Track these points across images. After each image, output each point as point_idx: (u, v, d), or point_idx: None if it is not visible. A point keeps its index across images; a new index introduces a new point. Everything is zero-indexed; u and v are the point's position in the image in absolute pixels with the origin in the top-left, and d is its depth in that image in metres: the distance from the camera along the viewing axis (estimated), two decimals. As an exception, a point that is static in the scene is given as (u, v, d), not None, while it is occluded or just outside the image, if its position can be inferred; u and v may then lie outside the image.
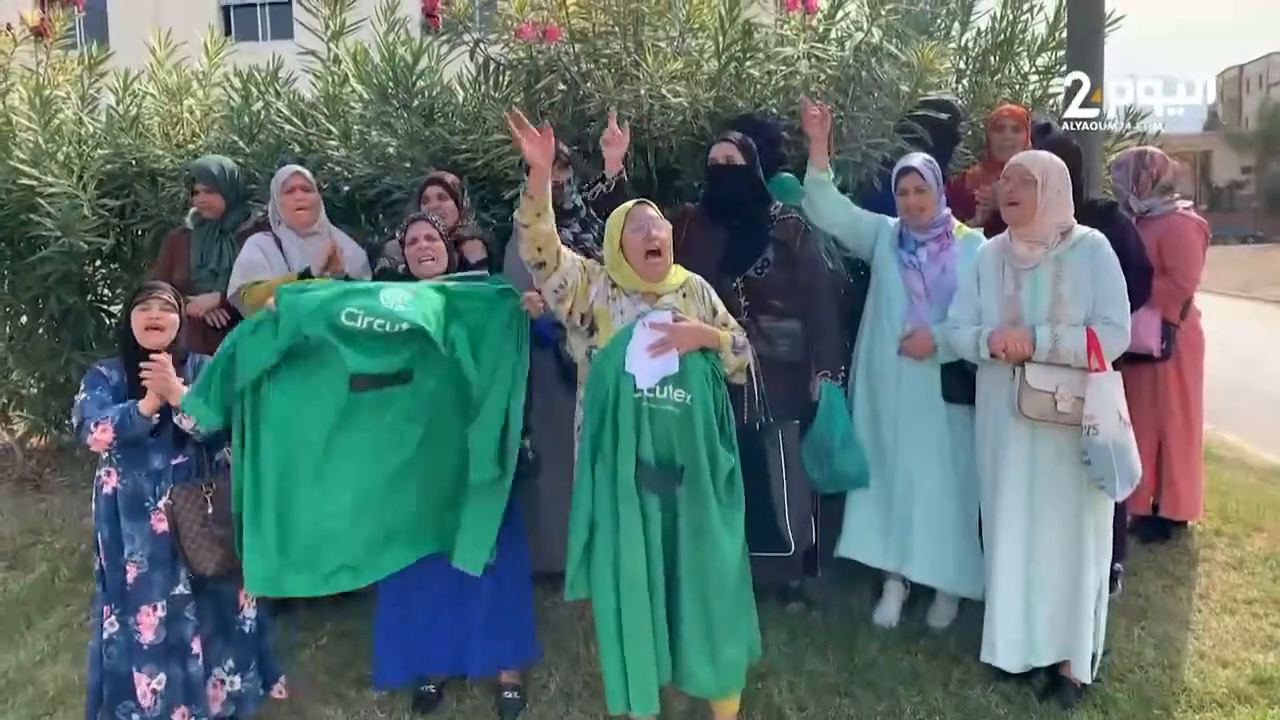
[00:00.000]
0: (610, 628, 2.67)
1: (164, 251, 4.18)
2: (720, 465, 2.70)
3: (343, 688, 3.37)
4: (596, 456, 2.70)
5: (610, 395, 2.66)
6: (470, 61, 4.63)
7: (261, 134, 4.62)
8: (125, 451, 2.89)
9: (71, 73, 5.23)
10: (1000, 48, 5.05)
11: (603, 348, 2.74)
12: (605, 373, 2.68)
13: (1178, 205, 4.02)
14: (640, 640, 2.64)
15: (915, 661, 3.37)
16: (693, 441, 2.66)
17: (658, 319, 2.70)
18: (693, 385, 2.67)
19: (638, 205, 2.83)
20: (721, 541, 2.68)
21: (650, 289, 2.80)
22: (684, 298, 2.85)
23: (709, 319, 2.87)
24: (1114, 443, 2.84)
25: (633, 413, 2.64)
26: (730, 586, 2.71)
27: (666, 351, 2.66)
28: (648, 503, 2.67)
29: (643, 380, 2.64)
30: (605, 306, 2.79)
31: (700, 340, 2.72)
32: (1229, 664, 3.32)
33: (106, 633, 2.89)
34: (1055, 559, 3.04)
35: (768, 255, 3.54)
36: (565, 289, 2.77)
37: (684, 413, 2.66)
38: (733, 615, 2.74)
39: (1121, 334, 2.95)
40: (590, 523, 2.70)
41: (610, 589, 2.66)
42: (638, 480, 2.64)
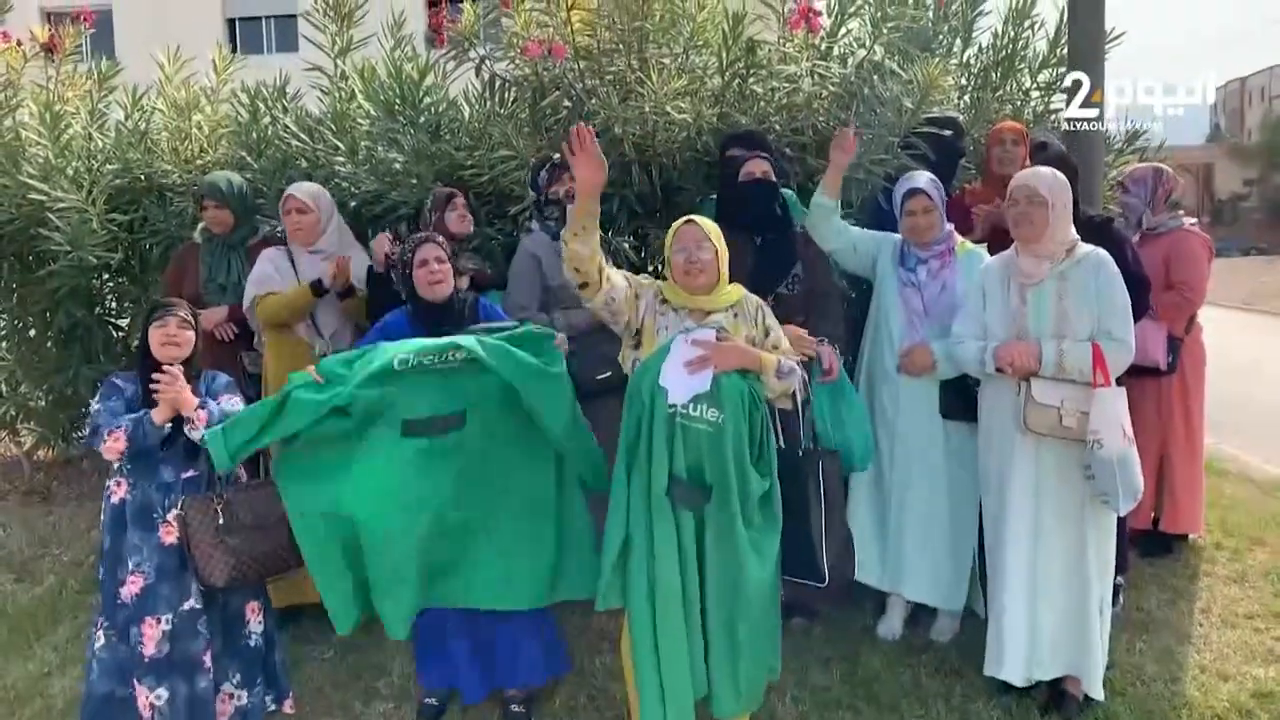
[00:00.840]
0: (646, 641, 2.68)
1: (172, 266, 4.22)
2: (751, 488, 2.68)
3: (349, 700, 3.39)
4: (632, 468, 2.72)
5: (646, 408, 2.68)
6: (476, 78, 4.69)
7: (269, 149, 4.65)
8: (136, 462, 2.93)
9: (81, 88, 5.28)
10: (1001, 64, 5.09)
11: (643, 361, 2.75)
12: (642, 386, 2.70)
13: (1184, 221, 4.05)
14: (677, 655, 2.65)
15: (918, 675, 3.38)
16: (722, 462, 2.64)
17: (700, 336, 2.70)
18: (726, 405, 2.65)
19: (686, 224, 2.82)
20: (748, 564, 2.66)
21: (699, 306, 2.79)
22: (734, 317, 2.81)
23: (760, 340, 2.83)
24: (1118, 457, 2.86)
25: (666, 427, 2.65)
26: (755, 610, 2.70)
27: (703, 369, 2.65)
28: (682, 517, 2.67)
29: (675, 396, 2.65)
30: (652, 320, 2.80)
31: (740, 361, 2.70)
32: (1230, 678, 3.34)
33: (95, 646, 2.93)
34: (1060, 573, 3.07)
35: (798, 271, 3.56)
36: (614, 306, 2.78)
37: (715, 432, 2.65)
38: (756, 638, 2.74)
39: (1125, 349, 2.98)
40: (625, 533, 2.71)
41: (645, 601, 2.67)
42: (670, 494, 2.65)
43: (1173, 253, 3.96)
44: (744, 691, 2.77)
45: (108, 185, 4.63)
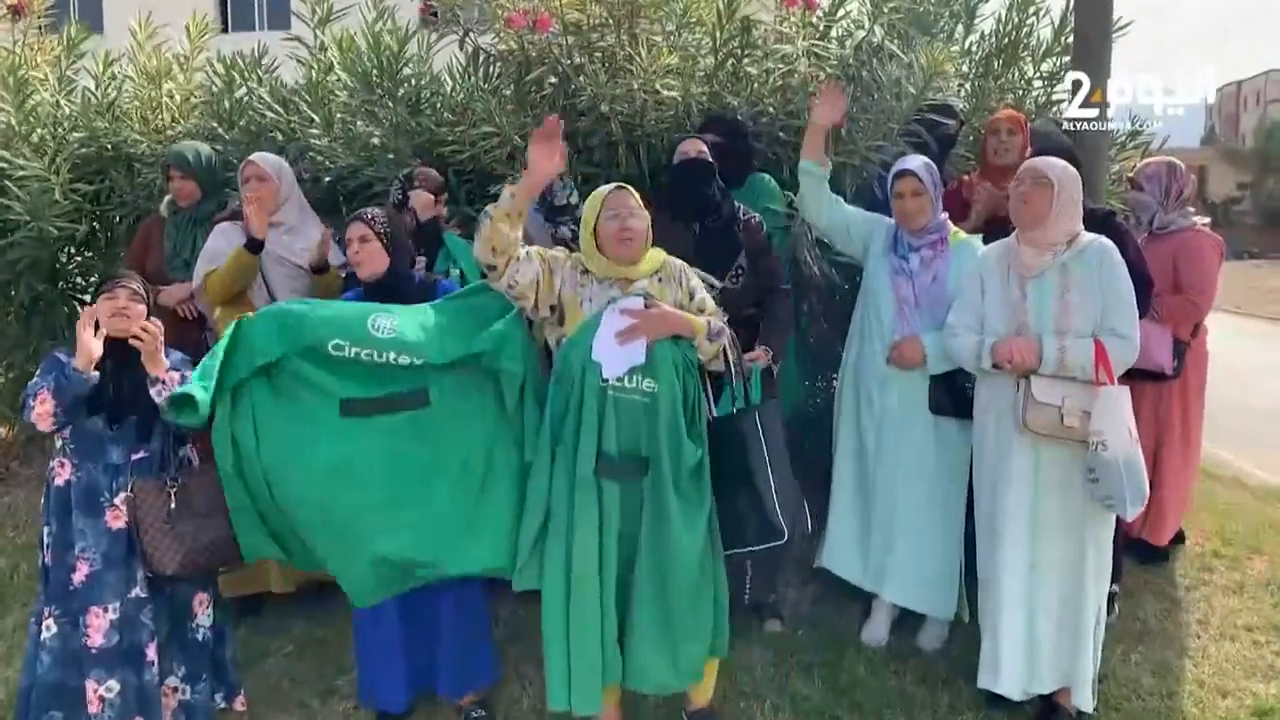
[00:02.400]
0: (558, 621, 2.61)
1: (137, 239, 4.03)
2: (685, 459, 2.63)
3: (306, 697, 3.23)
4: (557, 445, 2.64)
5: (576, 384, 2.60)
6: (460, 51, 4.50)
7: (242, 120, 4.46)
8: (81, 442, 2.78)
9: (51, 54, 5.08)
10: (1004, 51, 4.94)
11: (570, 336, 2.66)
12: (572, 361, 2.62)
13: (1195, 221, 3.88)
14: (587, 636, 2.59)
15: (904, 684, 3.23)
16: (657, 433, 2.59)
17: (629, 305, 2.62)
18: (661, 374, 2.60)
19: (616, 191, 2.73)
20: (680, 537, 2.60)
21: (623, 274, 2.71)
22: (659, 283, 2.75)
23: (686, 304, 2.77)
24: (1124, 459, 2.71)
25: (597, 403, 2.58)
26: (689, 583, 2.63)
27: (635, 339, 2.58)
28: (607, 495, 2.60)
29: (609, 370, 2.58)
30: (574, 293, 2.71)
31: (672, 328, 2.64)
32: (1229, 693, 3.20)
33: (43, 636, 2.77)
34: (1057, 581, 2.93)
35: (740, 263, 3.40)
36: (518, 289, 2.66)
37: (651, 403, 2.60)
38: (692, 613, 2.67)
39: (1130, 346, 2.83)
40: (545, 512, 2.65)
41: (561, 581, 2.61)
42: (597, 470, 2.58)
43: (1181, 254, 3.79)
44: (681, 664, 2.68)
45: (72, 154, 4.43)
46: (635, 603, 2.64)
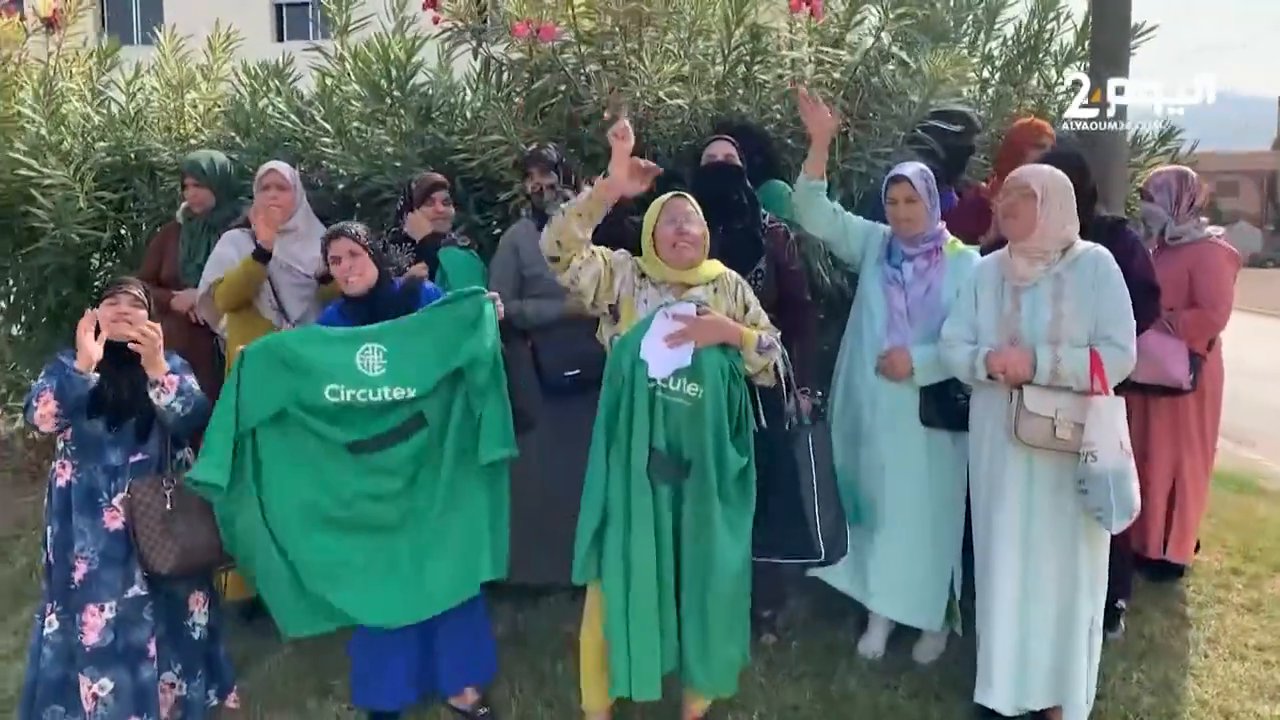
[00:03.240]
0: (619, 614, 2.66)
1: (153, 245, 4.13)
2: (728, 464, 2.67)
3: (302, 697, 3.28)
4: (611, 443, 2.70)
5: (626, 382, 2.67)
6: (474, 60, 4.55)
7: (261, 129, 4.55)
8: (82, 444, 2.85)
9: (84, 65, 5.23)
10: (1024, 57, 4.88)
11: (622, 336, 2.72)
12: (622, 360, 2.69)
13: (1210, 232, 3.78)
14: (646, 626, 2.65)
15: (895, 697, 3.20)
16: (701, 437, 2.65)
17: (681, 310, 2.69)
18: (706, 380, 2.65)
19: (675, 198, 2.81)
20: (722, 541, 2.65)
21: (679, 280, 2.78)
22: (714, 292, 2.82)
23: (739, 316, 2.81)
24: (1113, 471, 2.66)
25: (647, 401, 2.64)
26: (728, 587, 2.68)
27: (683, 343, 2.63)
28: (659, 492, 2.66)
29: (655, 370, 2.63)
30: (630, 295, 2.78)
31: (720, 335, 2.69)
32: (1232, 714, 3.11)
33: (45, 631, 2.84)
34: (1051, 595, 2.87)
35: (761, 266, 3.40)
36: (579, 285, 2.73)
37: (694, 407, 2.66)
38: (729, 617, 2.72)
39: (1125, 355, 2.78)
40: (603, 508, 2.69)
41: (620, 574, 2.66)
42: (649, 469, 2.63)
43: (1196, 266, 3.69)
44: (715, 670, 2.74)
45: (97, 163, 4.55)
46: (681, 602, 2.71)
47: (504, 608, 3.69)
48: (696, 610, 2.69)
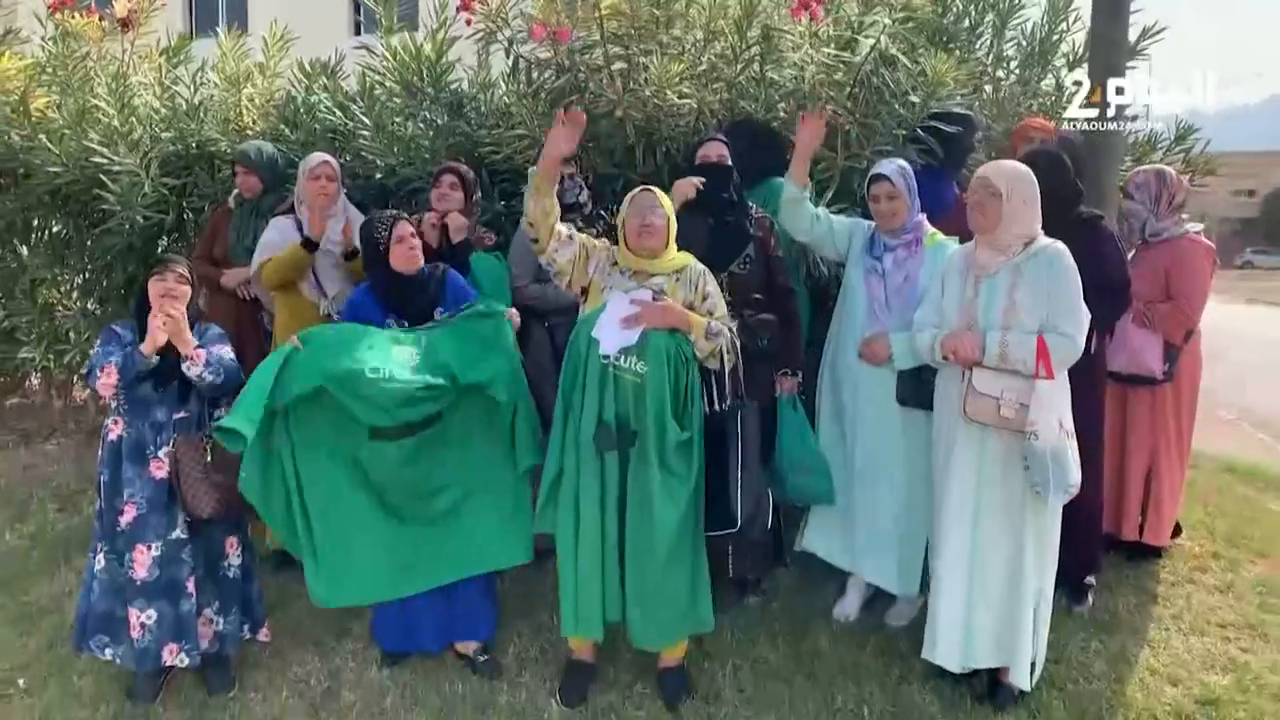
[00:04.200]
0: (568, 561, 3.02)
1: (207, 227, 4.54)
2: (669, 437, 2.95)
3: (323, 636, 3.64)
4: (567, 410, 3.02)
5: (582, 358, 2.97)
6: (507, 59, 4.86)
7: (310, 122, 4.93)
8: (132, 403, 3.20)
9: (155, 60, 5.67)
10: (1033, 59, 5.04)
11: (583, 315, 3.03)
12: (580, 337, 2.99)
13: (1188, 229, 3.94)
14: (590, 577, 3.00)
15: (861, 655, 3.45)
16: (644, 411, 2.93)
17: (638, 295, 2.98)
18: (651, 359, 2.93)
19: (643, 192, 3.10)
20: (659, 508, 2.94)
21: (643, 268, 3.06)
22: (676, 281, 3.09)
23: (696, 304, 3.09)
24: (1052, 449, 2.88)
25: (598, 376, 2.94)
26: (663, 553, 2.96)
27: (635, 326, 2.92)
28: (607, 460, 2.96)
29: (605, 347, 2.94)
30: (600, 280, 3.08)
31: (669, 321, 2.97)
32: (1180, 683, 3.30)
33: (95, 569, 3.22)
34: (997, 564, 3.09)
35: (749, 252, 3.65)
36: (557, 265, 3.06)
37: (640, 383, 2.94)
38: (664, 581, 2.99)
39: (1072, 344, 2.96)
40: (559, 467, 3.05)
41: (570, 529, 3.00)
42: (595, 437, 2.93)
43: (1174, 262, 3.86)
44: (657, 626, 3.03)
45: (161, 151, 4.97)
46: (626, 562, 3.01)
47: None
48: (637, 573, 2.98)
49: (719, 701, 3.20)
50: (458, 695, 3.27)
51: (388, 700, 3.26)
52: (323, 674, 3.42)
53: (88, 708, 3.24)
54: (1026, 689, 3.11)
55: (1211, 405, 8.31)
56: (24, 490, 5.19)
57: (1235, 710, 3.13)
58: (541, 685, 3.31)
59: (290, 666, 3.46)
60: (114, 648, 3.22)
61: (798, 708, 3.17)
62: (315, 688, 3.35)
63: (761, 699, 3.21)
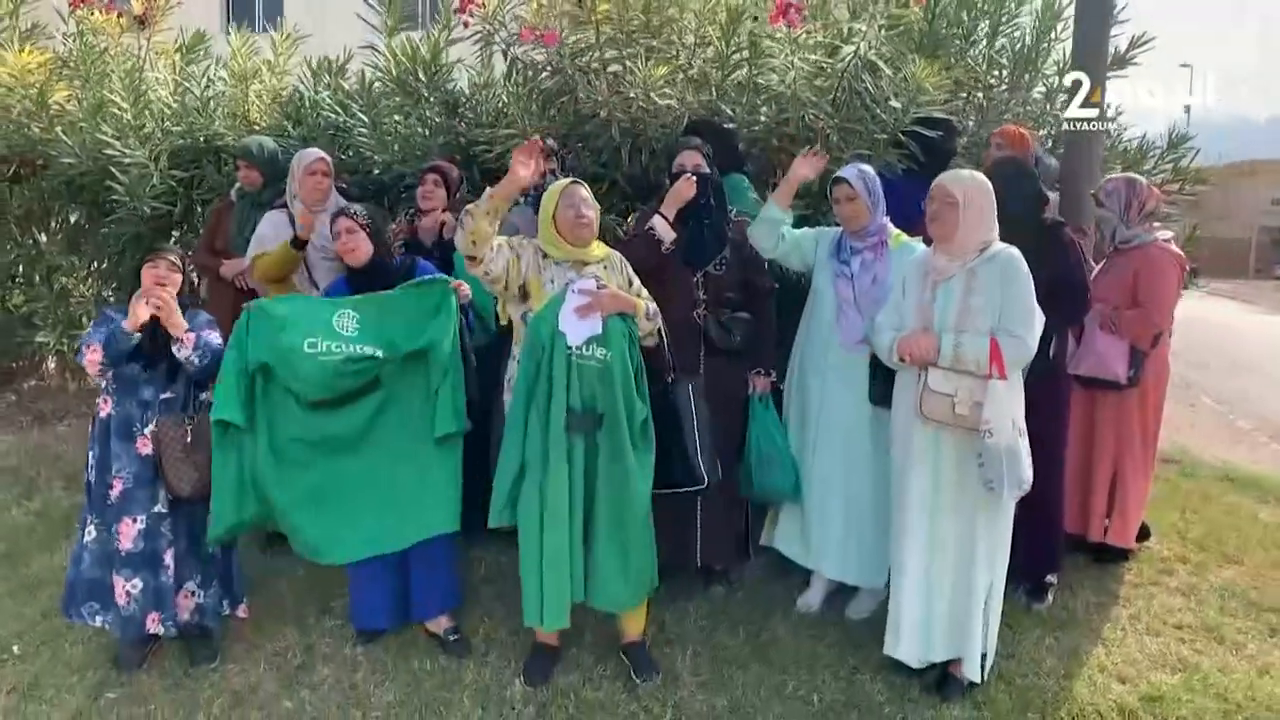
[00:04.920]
0: (533, 553, 3.10)
1: (210, 219, 4.72)
2: (635, 414, 3.14)
3: (304, 613, 3.79)
4: (530, 404, 3.12)
5: (545, 351, 3.09)
6: (503, 60, 5.00)
7: (307, 119, 5.09)
8: (121, 382, 3.36)
9: (171, 56, 5.87)
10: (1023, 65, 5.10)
11: (537, 310, 3.15)
12: (540, 331, 3.11)
13: (1157, 236, 4.00)
14: (559, 563, 3.08)
15: (818, 646, 3.54)
16: (612, 393, 3.09)
17: (585, 285, 3.12)
18: (612, 344, 3.10)
19: (572, 185, 3.23)
20: (635, 478, 3.13)
21: (578, 258, 3.21)
22: (605, 269, 3.26)
23: (626, 288, 3.27)
24: (1006, 447, 2.95)
25: (564, 367, 3.06)
26: (640, 516, 3.17)
27: (592, 314, 3.08)
28: (573, 445, 3.08)
29: (573, 339, 3.08)
30: (537, 276, 3.21)
31: (619, 305, 3.15)
32: (1127, 680, 3.36)
33: (85, 540, 3.38)
34: (951, 559, 3.17)
35: (725, 254, 3.75)
36: (493, 274, 3.16)
37: (605, 368, 3.10)
38: (641, 540, 3.18)
39: (1022, 346, 3.03)
40: (520, 462, 3.12)
41: (535, 519, 3.09)
42: (567, 424, 3.05)
43: (1141, 268, 3.92)
44: (632, 586, 3.20)
45: (170, 144, 5.15)
46: (596, 537, 3.15)
47: (487, 551, 4.17)
48: (615, 538, 3.13)
49: (676, 685, 3.31)
50: (425, 672, 3.40)
51: (359, 675, 3.39)
52: (300, 649, 3.56)
53: (76, 674, 3.40)
54: (977, 680, 3.19)
55: (1231, 415, 8.35)
56: (33, 468, 5.39)
57: (1179, 708, 3.19)
58: (506, 665, 3.43)
59: (270, 641, 3.60)
60: (104, 615, 3.37)
61: (750, 693, 3.27)
62: (291, 661, 3.49)
63: (716, 683, 3.32)
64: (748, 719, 3.15)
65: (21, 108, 5.41)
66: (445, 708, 3.20)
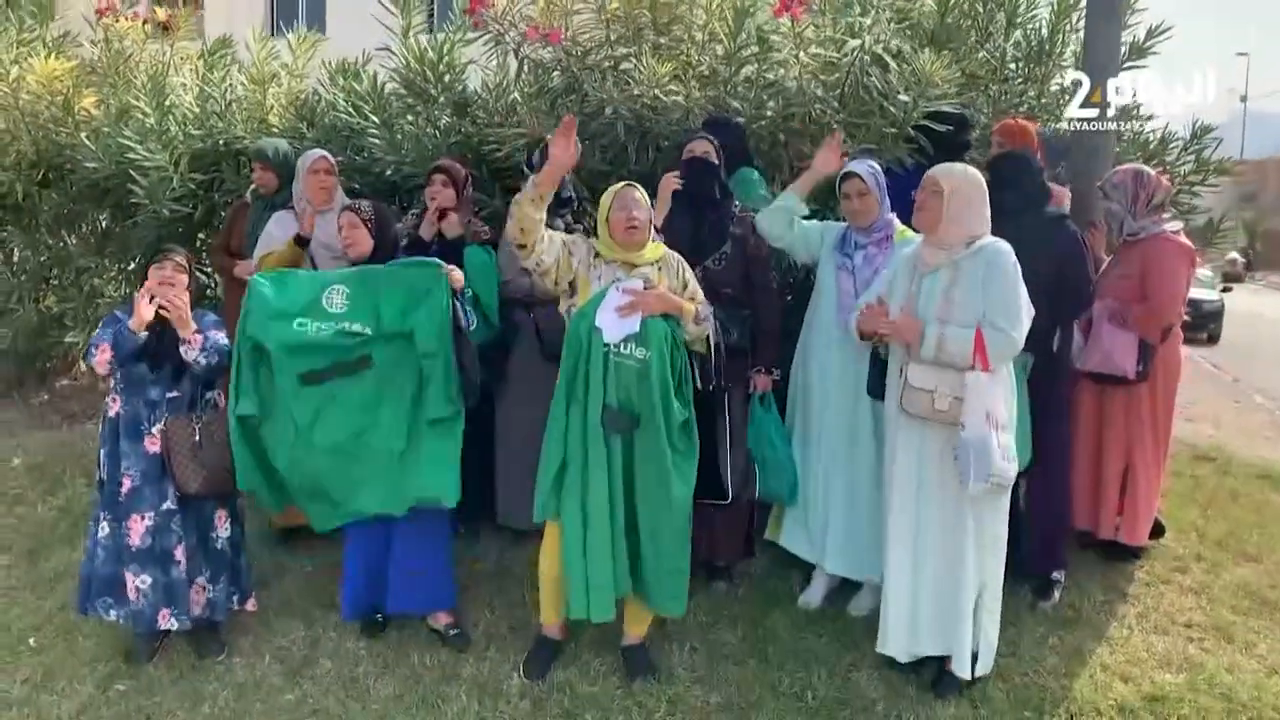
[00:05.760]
0: (576, 547, 3.11)
1: (227, 220, 4.81)
2: (674, 416, 3.10)
3: (310, 608, 3.84)
4: (570, 400, 3.13)
5: (583, 348, 3.11)
6: (514, 60, 5.04)
7: (325, 120, 5.17)
8: (129, 382, 3.43)
9: (194, 61, 5.98)
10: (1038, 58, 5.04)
11: (580, 307, 3.16)
12: (580, 328, 3.13)
13: (1165, 228, 3.92)
14: (602, 557, 3.09)
15: (817, 643, 3.53)
16: (649, 394, 3.07)
17: (630, 285, 3.12)
18: (652, 345, 3.08)
19: (626, 188, 3.23)
20: (673, 481, 3.10)
21: (628, 259, 3.19)
22: (659, 270, 3.23)
23: (679, 291, 3.24)
24: (976, 440, 2.91)
25: (601, 364, 3.07)
26: (679, 520, 3.16)
27: (633, 314, 3.06)
28: (612, 442, 3.09)
29: (608, 336, 3.08)
30: (586, 274, 3.21)
31: (664, 307, 3.12)
32: (1130, 679, 3.31)
33: (99, 535, 3.46)
34: (938, 555, 3.15)
35: (726, 249, 3.75)
36: (544, 266, 3.17)
37: (643, 368, 3.07)
38: (678, 544, 3.18)
39: (1007, 339, 2.98)
40: (563, 457, 3.13)
41: (578, 512, 3.11)
42: (603, 421, 3.06)
43: (1149, 261, 3.84)
44: (668, 588, 3.21)
45: (189, 148, 5.25)
46: (638, 536, 3.16)
47: (490, 547, 4.22)
48: (653, 541, 3.14)
49: (671, 680, 3.32)
50: (425, 666, 3.44)
51: (360, 668, 3.44)
52: (304, 642, 3.62)
53: (87, 666, 3.48)
54: (967, 678, 3.16)
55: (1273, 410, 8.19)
56: (59, 465, 5.52)
57: (1181, 707, 3.14)
58: (505, 660, 3.46)
59: (275, 635, 3.66)
60: (117, 609, 3.44)
61: (745, 689, 3.27)
62: (295, 655, 3.54)
63: (711, 679, 3.32)
64: (742, 715, 3.15)
65: (49, 114, 5.54)
66: (443, 701, 3.23)
